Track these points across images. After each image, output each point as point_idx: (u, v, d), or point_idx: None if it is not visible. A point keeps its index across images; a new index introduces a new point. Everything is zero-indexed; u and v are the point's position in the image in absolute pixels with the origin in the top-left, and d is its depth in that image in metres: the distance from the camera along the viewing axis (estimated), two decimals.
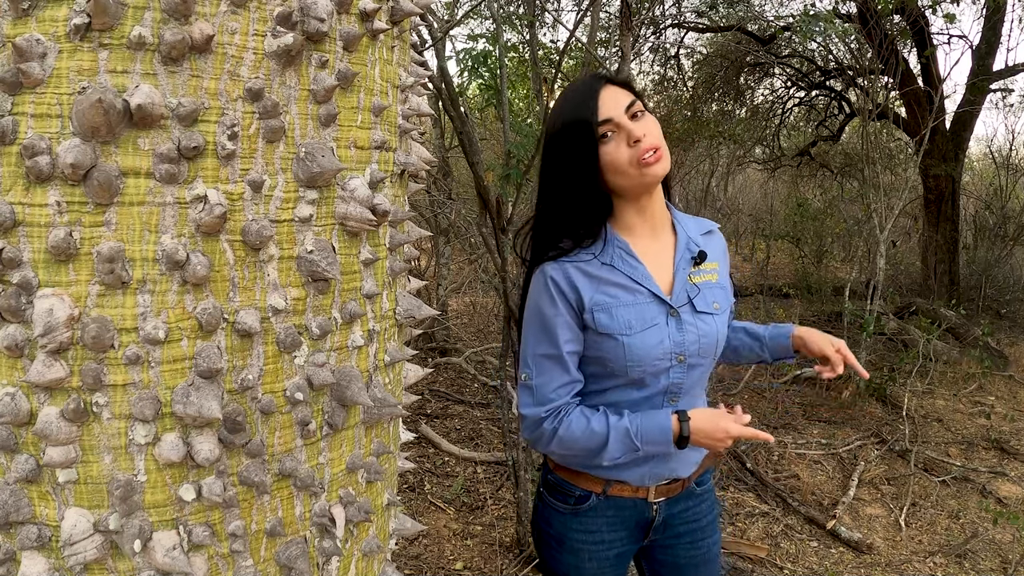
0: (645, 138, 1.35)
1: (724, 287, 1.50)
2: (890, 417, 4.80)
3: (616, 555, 1.52)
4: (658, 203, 1.45)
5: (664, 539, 1.55)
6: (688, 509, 1.53)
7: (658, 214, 1.46)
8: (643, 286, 1.41)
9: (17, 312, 0.84)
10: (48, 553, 0.90)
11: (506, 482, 3.67)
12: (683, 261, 1.45)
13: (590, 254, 1.41)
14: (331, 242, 0.99)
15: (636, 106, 1.36)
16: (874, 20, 5.61)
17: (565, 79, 6.39)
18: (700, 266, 1.47)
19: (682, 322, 1.42)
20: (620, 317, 1.39)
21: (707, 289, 1.46)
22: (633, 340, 1.38)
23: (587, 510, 1.48)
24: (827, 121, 9.43)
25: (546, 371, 1.39)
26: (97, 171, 0.82)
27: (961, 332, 6.18)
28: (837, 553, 3.26)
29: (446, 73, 2.88)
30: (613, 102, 1.35)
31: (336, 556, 1.06)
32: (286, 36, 0.89)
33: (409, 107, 1.13)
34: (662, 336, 1.40)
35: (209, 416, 0.87)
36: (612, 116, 1.34)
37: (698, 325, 1.43)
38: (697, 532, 1.54)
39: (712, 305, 1.45)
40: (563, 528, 1.51)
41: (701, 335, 1.42)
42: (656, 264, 1.45)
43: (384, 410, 1.08)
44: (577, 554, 1.51)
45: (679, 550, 1.54)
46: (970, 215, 9.17)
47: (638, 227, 1.45)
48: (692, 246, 1.47)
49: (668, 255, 1.47)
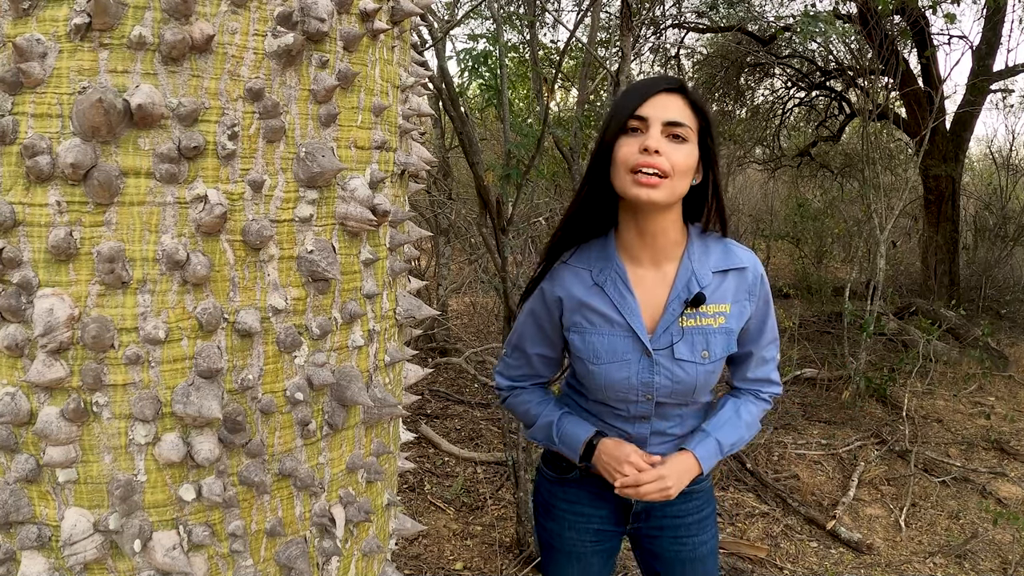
0: (657, 156, 1.25)
1: (728, 332, 1.38)
2: (890, 417, 4.80)
3: (596, 530, 1.56)
4: (667, 229, 1.35)
5: (648, 528, 1.56)
6: (672, 505, 1.53)
7: (662, 239, 1.35)
8: (625, 320, 1.36)
9: (17, 312, 0.84)
10: (48, 553, 0.90)
11: (506, 482, 3.67)
12: (676, 301, 1.36)
13: (587, 268, 1.40)
14: (331, 242, 0.99)
15: (681, 129, 1.27)
16: (874, 20, 5.61)
17: (565, 79, 6.40)
18: (699, 309, 1.35)
19: (656, 364, 1.37)
20: (591, 344, 1.39)
21: (698, 335, 1.36)
22: (599, 369, 1.39)
23: (571, 481, 1.56)
24: (827, 121, 9.43)
25: (516, 359, 1.56)
26: (97, 171, 0.82)
27: (961, 332, 6.18)
28: (837, 553, 3.26)
29: (446, 73, 2.88)
30: (662, 107, 1.27)
31: (336, 556, 1.06)
32: (286, 36, 0.89)
33: (409, 107, 1.13)
34: (629, 373, 1.37)
35: (209, 416, 0.87)
36: (648, 116, 1.27)
37: (674, 371, 1.36)
38: (681, 528, 1.54)
39: (699, 353, 1.36)
40: (550, 496, 1.59)
41: (675, 381, 1.37)
42: (649, 296, 1.38)
43: (384, 410, 1.08)
44: (559, 522, 1.57)
45: (664, 543, 1.55)
46: (970, 215, 9.17)
47: (638, 250, 1.37)
48: (692, 285, 1.35)
49: (664, 289, 1.37)
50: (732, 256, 1.39)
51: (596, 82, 5.26)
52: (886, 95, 6.77)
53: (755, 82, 9.34)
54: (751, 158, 10.85)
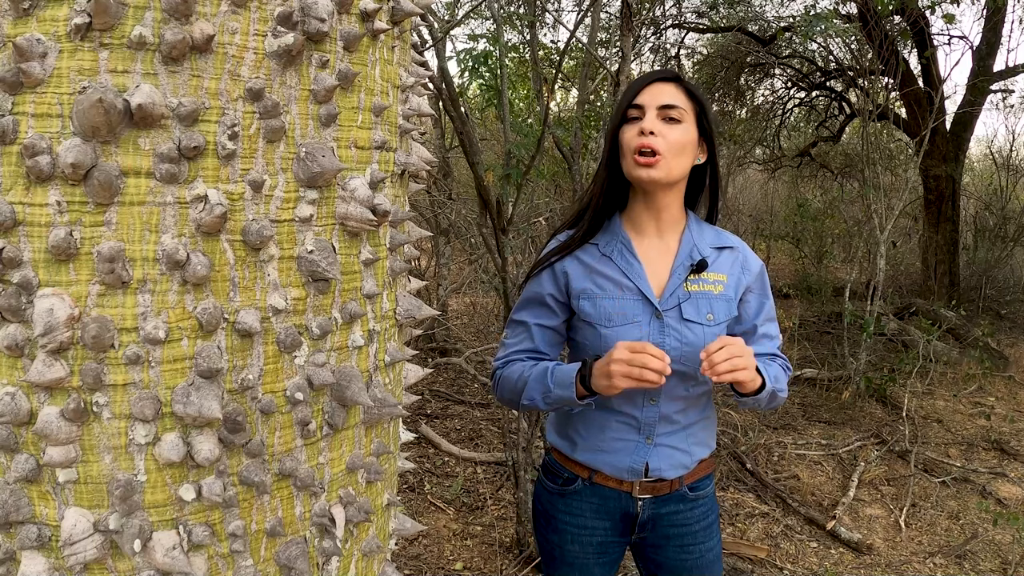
0: (652, 137, 1.37)
1: (728, 299, 1.46)
2: (890, 418, 4.80)
3: (599, 543, 1.54)
4: (671, 205, 1.46)
5: (653, 539, 1.55)
6: (678, 513, 1.52)
7: (666, 214, 1.47)
8: (634, 283, 1.44)
9: (17, 312, 0.84)
10: (48, 553, 0.90)
11: (506, 482, 3.67)
12: (681, 267, 1.45)
13: (594, 243, 1.49)
14: (331, 242, 0.99)
15: (675, 111, 1.39)
16: (874, 21, 5.61)
17: (565, 79, 6.39)
18: (700, 275, 1.45)
19: (665, 325, 1.42)
20: (602, 308, 1.44)
21: (702, 299, 1.44)
22: (611, 333, 1.42)
23: (573, 493, 1.54)
24: (827, 122, 9.43)
25: (516, 334, 1.54)
26: (97, 171, 0.82)
27: (961, 333, 6.18)
28: (837, 554, 3.26)
29: (446, 73, 2.88)
30: (656, 94, 1.41)
31: (336, 556, 1.06)
32: (287, 36, 0.89)
33: (410, 107, 1.13)
34: (641, 335, 1.42)
35: (209, 416, 0.87)
36: (643, 103, 1.40)
37: (683, 332, 1.42)
38: (687, 537, 1.53)
39: (705, 316, 1.43)
40: (551, 508, 1.57)
41: (684, 343, 1.41)
42: (654, 265, 1.47)
43: (384, 410, 1.08)
44: (562, 534, 1.56)
45: (669, 552, 1.54)
46: (970, 216, 9.17)
47: (645, 222, 1.48)
48: (695, 254, 1.46)
49: (669, 258, 1.48)
50: (724, 237, 1.53)
51: (596, 82, 5.26)
52: (886, 95, 6.77)
53: (755, 82, 9.34)
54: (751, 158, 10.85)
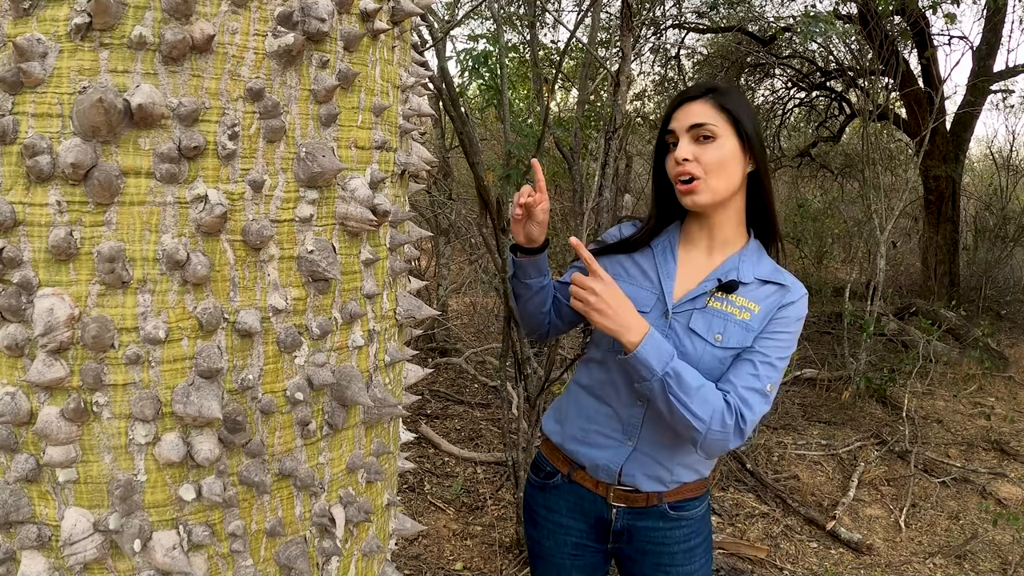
0: (687, 164, 1.36)
1: (748, 329, 1.37)
2: (890, 418, 4.81)
3: (574, 543, 1.55)
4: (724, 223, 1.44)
5: (630, 551, 1.53)
6: (656, 530, 1.49)
7: (719, 232, 1.44)
8: (658, 277, 1.45)
9: (17, 312, 0.84)
10: (48, 553, 0.90)
11: (506, 482, 3.67)
12: (711, 280, 1.42)
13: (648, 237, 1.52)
14: (331, 242, 0.99)
15: (705, 128, 1.35)
16: (874, 21, 5.61)
17: (565, 79, 6.39)
18: (729, 295, 1.39)
19: (670, 330, 1.40)
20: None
21: (718, 317, 1.38)
22: None
23: (552, 488, 1.56)
24: (827, 122, 9.43)
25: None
26: (98, 171, 0.82)
27: (961, 333, 6.17)
28: (837, 554, 3.26)
29: (447, 73, 2.88)
30: (685, 116, 1.38)
31: (336, 556, 1.06)
32: (287, 36, 0.89)
33: (410, 107, 1.13)
34: None
35: (209, 416, 0.87)
36: (674, 128, 1.40)
37: (683, 342, 1.38)
38: (664, 556, 1.49)
39: (713, 335, 1.37)
40: (532, 502, 1.61)
41: (681, 353, 1.37)
42: (690, 272, 1.46)
43: (384, 410, 1.08)
44: (540, 529, 1.58)
45: (645, 568, 1.52)
46: (970, 216, 9.18)
47: (696, 238, 1.48)
48: (732, 274, 1.41)
49: (706, 272, 1.45)
50: (780, 275, 1.43)
51: (596, 82, 5.26)
52: (886, 95, 6.77)
53: (755, 82, 9.35)
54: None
